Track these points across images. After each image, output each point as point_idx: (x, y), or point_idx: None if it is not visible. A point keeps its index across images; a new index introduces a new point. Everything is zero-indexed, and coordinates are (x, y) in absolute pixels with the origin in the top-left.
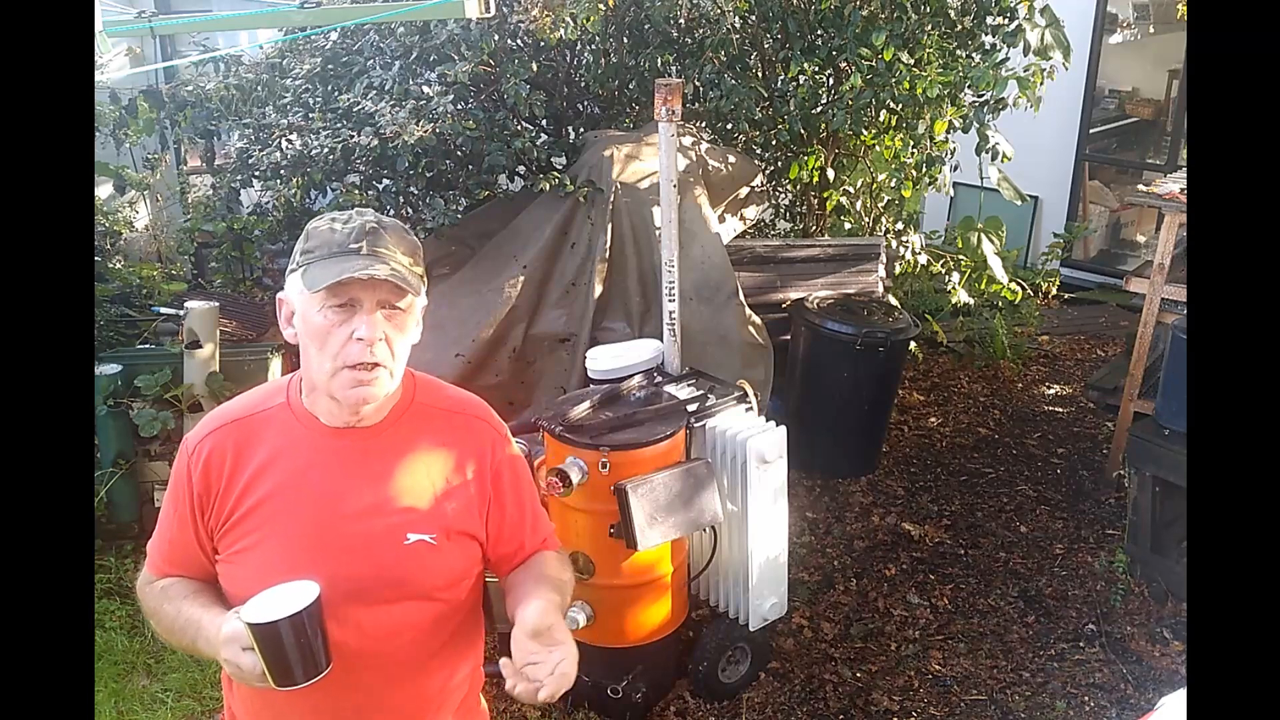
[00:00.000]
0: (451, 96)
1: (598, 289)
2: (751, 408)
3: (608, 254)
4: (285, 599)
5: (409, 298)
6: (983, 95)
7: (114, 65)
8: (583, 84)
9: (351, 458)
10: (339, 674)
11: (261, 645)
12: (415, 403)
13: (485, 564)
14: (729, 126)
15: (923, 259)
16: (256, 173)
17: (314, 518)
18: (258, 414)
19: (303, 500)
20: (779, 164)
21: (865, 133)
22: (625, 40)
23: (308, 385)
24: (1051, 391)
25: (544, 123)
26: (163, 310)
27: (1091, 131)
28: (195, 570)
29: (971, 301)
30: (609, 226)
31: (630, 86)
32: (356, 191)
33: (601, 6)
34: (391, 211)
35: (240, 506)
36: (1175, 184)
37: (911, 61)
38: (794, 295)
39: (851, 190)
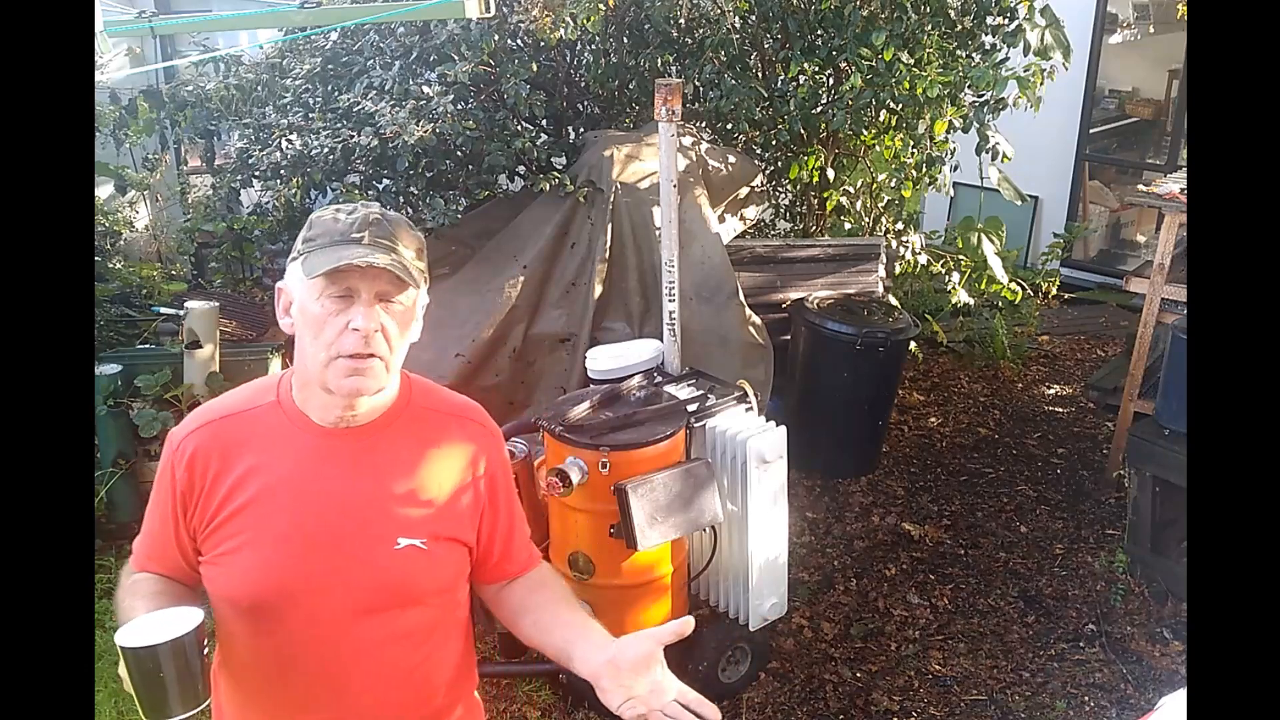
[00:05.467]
0: (451, 96)
1: (598, 289)
2: (751, 408)
3: (608, 254)
4: (167, 624)
5: (409, 291)
6: (983, 95)
7: (114, 65)
8: (583, 84)
9: (343, 459)
10: (331, 680)
11: (133, 671)
12: (411, 405)
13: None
14: (729, 126)
15: (923, 259)
16: (256, 173)
17: (302, 520)
18: (246, 411)
19: (291, 502)
20: (779, 164)
21: (865, 133)
22: (625, 40)
23: (300, 380)
24: (1051, 391)
25: (544, 123)
26: (163, 310)
27: (1091, 131)
28: (169, 568)
29: (971, 301)
30: (609, 226)
31: (630, 86)
32: (356, 191)
33: (601, 6)
34: None
35: (226, 507)
36: (1175, 184)
37: (911, 61)
38: (794, 295)
39: (851, 190)
